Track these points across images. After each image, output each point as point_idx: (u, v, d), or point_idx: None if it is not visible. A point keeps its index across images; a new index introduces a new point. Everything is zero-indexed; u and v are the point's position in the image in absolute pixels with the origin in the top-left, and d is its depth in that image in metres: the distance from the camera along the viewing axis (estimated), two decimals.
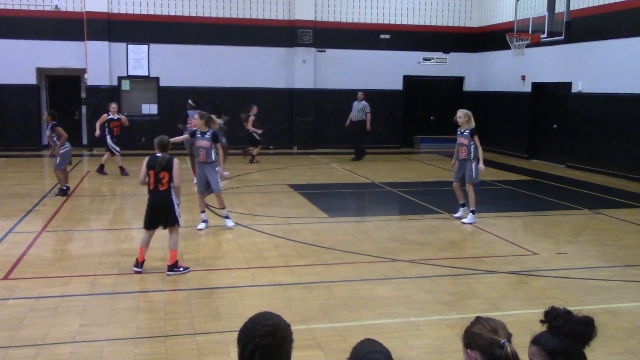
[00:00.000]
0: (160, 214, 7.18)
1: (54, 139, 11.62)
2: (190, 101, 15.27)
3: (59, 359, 4.94)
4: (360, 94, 18.01)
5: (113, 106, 14.40)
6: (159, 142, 7.27)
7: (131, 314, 5.90)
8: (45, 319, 5.69)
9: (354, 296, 6.48)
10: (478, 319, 2.50)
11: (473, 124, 10.06)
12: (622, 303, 6.49)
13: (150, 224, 7.25)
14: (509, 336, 2.41)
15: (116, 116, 14.28)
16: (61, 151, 11.59)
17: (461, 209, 10.36)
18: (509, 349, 2.34)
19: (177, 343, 5.26)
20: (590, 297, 6.64)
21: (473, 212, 10.06)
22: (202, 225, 9.36)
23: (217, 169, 9.43)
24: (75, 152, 18.31)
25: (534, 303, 6.38)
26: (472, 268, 7.59)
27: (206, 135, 9.25)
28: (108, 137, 14.12)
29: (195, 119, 9.42)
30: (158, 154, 7.19)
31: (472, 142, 9.92)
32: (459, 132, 10.11)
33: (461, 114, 10.05)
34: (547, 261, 7.97)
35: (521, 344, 2.59)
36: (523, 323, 5.68)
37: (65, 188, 11.64)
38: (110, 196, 11.93)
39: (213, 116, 9.80)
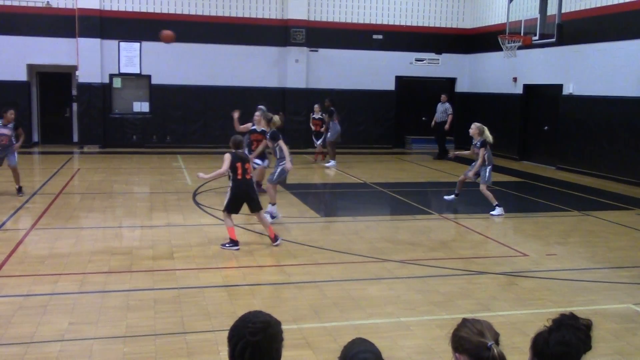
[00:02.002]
0: (248, 199, 8.19)
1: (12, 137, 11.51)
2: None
3: (48, 357, 4.91)
4: (443, 97, 18.79)
5: (256, 115, 11.65)
6: (234, 140, 8.29)
7: (121, 312, 5.87)
8: (34, 317, 5.66)
9: (344, 296, 6.48)
10: (464, 321, 2.51)
11: (487, 137, 10.85)
12: (610, 304, 6.52)
13: (237, 208, 8.29)
14: (496, 336, 2.43)
15: (260, 128, 11.36)
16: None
17: (454, 195, 11.55)
18: (495, 350, 2.36)
19: (166, 342, 5.24)
20: (579, 298, 6.68)
21: (498, 205, 10.74)
22: (268, 216, 9.50)
23: (281, 163, 9.65)
24: (66, 149, 18.36)
25: (523, 304, 6.41)
26: (463, 269, 7.62)
27: (267, 136, 9.80)
28: (246, 149, 10.75)
29: (256, 118, 9.58)
30: (238, 151, 8.20)
31: (485, 152, 10.77)
32: (472, 143, 11.02)
33: (473, 127, 10.92)
34: (537, 262, 8.00)
35: (510, 344, 2.61)
36: (513, 324, 5.72)
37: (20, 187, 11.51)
38: (100, 194, 11.88)
39: (276, 117, 9.93)
